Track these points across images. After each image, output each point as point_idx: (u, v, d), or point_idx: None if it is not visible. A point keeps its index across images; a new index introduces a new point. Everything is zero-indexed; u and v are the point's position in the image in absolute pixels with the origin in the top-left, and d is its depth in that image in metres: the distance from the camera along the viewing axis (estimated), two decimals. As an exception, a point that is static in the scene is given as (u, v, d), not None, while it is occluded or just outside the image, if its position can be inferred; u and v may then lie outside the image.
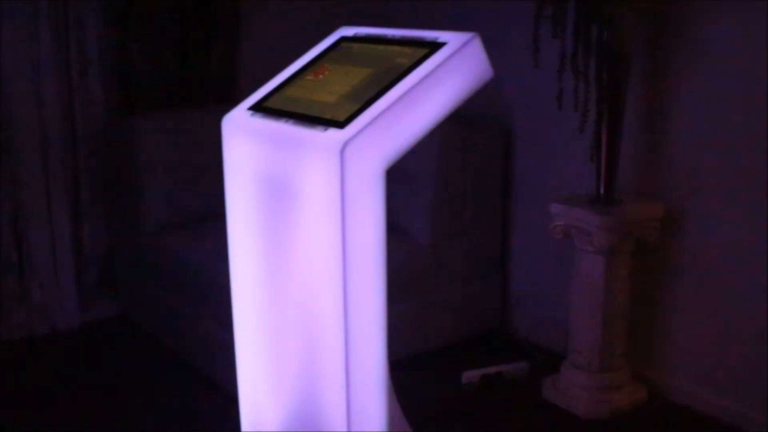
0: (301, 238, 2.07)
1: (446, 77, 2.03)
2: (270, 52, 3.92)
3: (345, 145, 1.89)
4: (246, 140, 2.25)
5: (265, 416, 2.45)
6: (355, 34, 2.39)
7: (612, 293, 2.87)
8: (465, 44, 2.05)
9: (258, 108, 2.27)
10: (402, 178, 3.23)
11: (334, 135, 1.93)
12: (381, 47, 2.25)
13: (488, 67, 2.09)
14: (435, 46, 2.08)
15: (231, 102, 3.78)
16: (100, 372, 3.28)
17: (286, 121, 2.12)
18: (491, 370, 3.16)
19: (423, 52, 2.08)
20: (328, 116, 2.03)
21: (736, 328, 2.86)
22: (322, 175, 1.94)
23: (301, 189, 2.04)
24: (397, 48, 2.18)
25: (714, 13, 2.77)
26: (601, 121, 2.80)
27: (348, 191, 1.91)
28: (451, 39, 2.08)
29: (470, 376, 3.13)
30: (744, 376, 2.85)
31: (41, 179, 3.55)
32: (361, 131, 1.91)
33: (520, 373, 3.20)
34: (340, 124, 1.96)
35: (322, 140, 1.94)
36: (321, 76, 2.27)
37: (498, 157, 3.47)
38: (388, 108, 1.95)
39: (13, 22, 3.36)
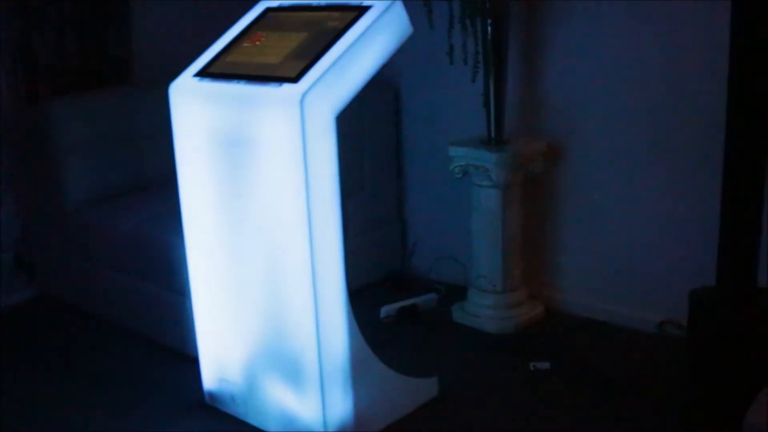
0: (263, 183, 2.36)
1: (377, 35, 2.36)
2: (160, 31, 4.16)
3: (303, 96, 2.20)
4: (197, 103, 2.50)
5: (228, 364, 2.71)
6: (280, 4, 2.68)
7: (508, 221, 3.28)
8: (390, 5, 2.38)
9: (204, 74, 2.53)
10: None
11: (290, 89, 2.23)
12: (309, 14, 2.55)
13: (409, 25, 2.44)
14: (362, 10, 2.41)
15: (130, 82, 4.01)
16: (42, 349, 3.41)
17: (237, 82, 2.40)
18: (406, 303, 3.52)
19: (352, 15, 2.41)
20: (278, 74, 2.33)
21: (615, 243, 3.33)
22: (284, 124, 2.24)
23: (261, 139, 2.33)
24: (325, 13, 2.50)
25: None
26: (489, 72, 3.19)
27: (308, 136, 2.22)
28: (375, 2, 2.41)
29: (388, 309, 3.48)
30: (627, 284, 3.32)
31: (-47, 169, 3.66)
32: (314, 84, 2.22)
33: (431, 303, 3.58)
34: (293, 80, 2.26)
35: (281, 94, 2.24)
36: (258, 42, 2.56)
37: (390, 113, 3.81)
38: (334, 63, 2.27)
39: None
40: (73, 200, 3.61)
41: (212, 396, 2.83)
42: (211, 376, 2.82)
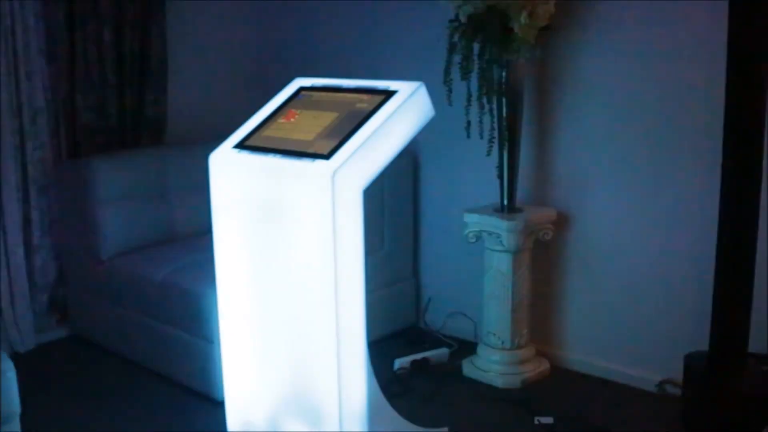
0: (294, 245, 2.58)
1: (402, 117, 2.60)
2: (191, 97, 4.47)
3: (335, 172, 2.43)
4: (235, 172, 2.74)
5: (252, 408, 2.91)
6: (312, 84, 2.92)
7: (518, 283, 3.50)
8: (414, 91, 2.62)
9: (242, 146, 2.76)
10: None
11: (323, 165, 2.47)
12: (339, 95, 2.79)
13: (431, 108, 2.68)
14: (389, 94, 2.65)
15: (163, 141, 4.28)
16: (72, 386, 3.63)
17: (273, 156, 2.63)
18: (419, 356, 3.74)
19: (380, 98, 2.64)
20: (311, 150, 2.56)
21: (618, 306, 3.55)
22: (316, 196, 2.47)
23: (294, 208, 2.56)
24: (354, 95, 2.73)
25: (583, 52, 3.46)
26: (503, 145, 3.43)
27: (337, 208, 2.45)
28: (401, 87, 2.65)
29: (402, 362, 3.70)
30: (628, 344, 3.54)
31: (-2, 218, 3.92)
32: (344, 162, 2.46)
33: (443, 357, 3.79)
34: (326, 157, 2.50)
35: (314, 170, 2.48)
36: (292, 119, 2.79)
37: (409, 179, 4.07)
38: (363, 143, 2.50)
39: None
40: (108, 249, 3.86)
41: (237, 439, 3.04)
42: (235, 419, 3.02)
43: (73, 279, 4.13)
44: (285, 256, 2.64)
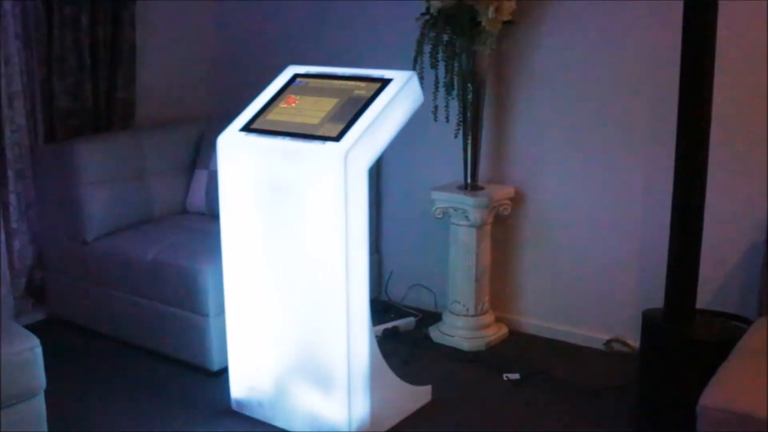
0: (304, 220, 2.86)
1: (399, 103, 2.90)
2: (157, 80, 4.67)
3: (347, 153, 2.72)
4: (244, 154, 2.99)
5: (256, 374, 3.16)
6: (306, 71, 3.19)
7: (480, 255, 3.85)
8: (408, 79, 2.93)
9: (248, 129, 3.02)
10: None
11: (334, 146, 2.76)
12: (336, 82, 3.08)
13: (421, 95, 2.99)
14: (384, 81, 2.95)
15: (133, 123, 4.47)
16: (62, 367, 3.72)
17: (282, 138, 2.91)
18: (389, 325, 4.05)
19: (377, 85, 2.94)
20: (320, 133, 2.85)
21: (569, 275, 3.93)
22: (329, 175, 2.75)
23: (305, 187, 2.84)
24: (351, 83, 3.02)
25: (536, 48, 3.82)
26: (467, 128, 3.77)
27: (348, 185, 2.74)
28: (395, 76, 2.96)
29: (374, 330, 3.98)
30: (578, 308, 3.93)
31: (-23, 202, 4.05)
32: (354, 143, 2.75)
33: (410, 326, 4.12)
34: (335, 139, 2.78)
35: (327, 151, 2.76)
36: (293, 104, 3.06)
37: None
38: (368, 126, 2.80)
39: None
40: (92, 231, 4.00)
41: (239, 403, 3.29)
42: (239, 386, 3.28)
43: (51, 262, 4.27)
44: (295, 230, 2.91)
